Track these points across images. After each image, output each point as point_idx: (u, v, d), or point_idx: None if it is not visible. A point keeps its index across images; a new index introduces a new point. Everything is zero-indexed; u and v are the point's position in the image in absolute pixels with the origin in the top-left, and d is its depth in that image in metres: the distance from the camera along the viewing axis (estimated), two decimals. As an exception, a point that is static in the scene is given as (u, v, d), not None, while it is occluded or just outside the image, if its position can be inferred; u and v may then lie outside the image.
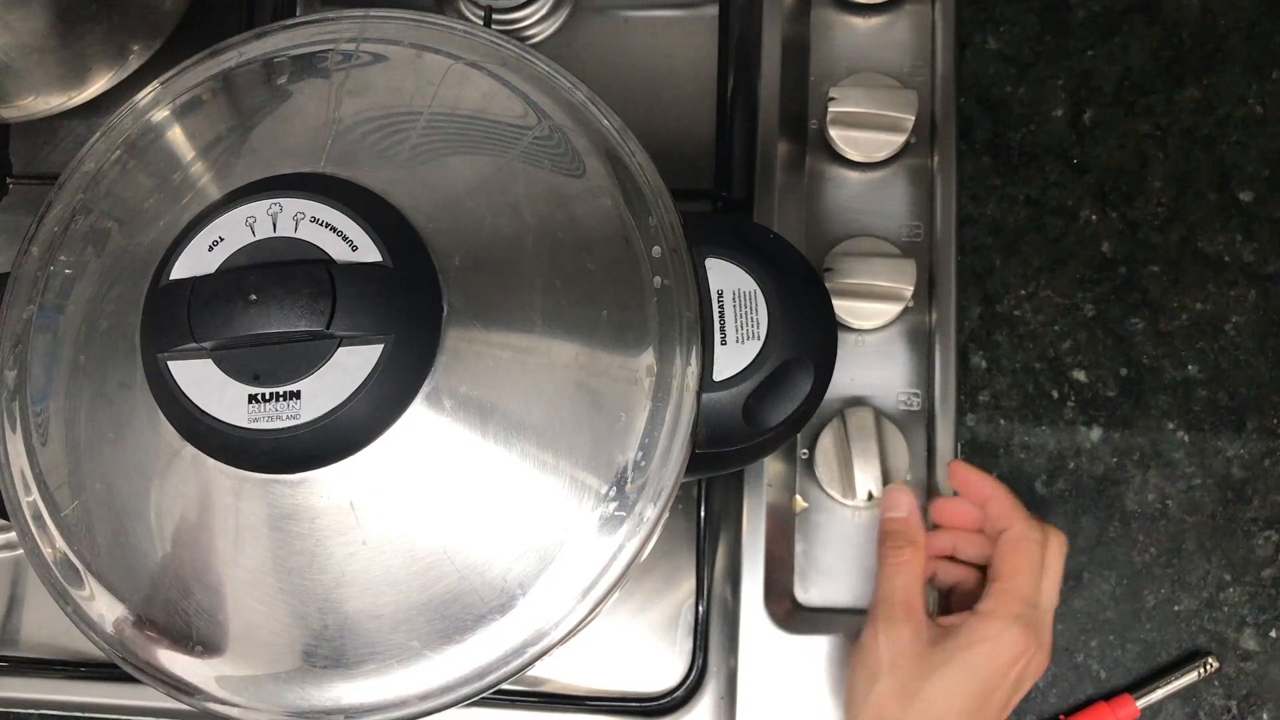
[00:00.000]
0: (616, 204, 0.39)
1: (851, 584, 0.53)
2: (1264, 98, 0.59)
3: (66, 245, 0.41)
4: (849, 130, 0.56)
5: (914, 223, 0.56)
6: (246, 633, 0.37)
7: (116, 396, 0.38)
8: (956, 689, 0.43)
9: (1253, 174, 0.58)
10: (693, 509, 0.55)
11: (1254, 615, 0.54)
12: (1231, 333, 0.57)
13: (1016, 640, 0.43)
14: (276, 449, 0.34)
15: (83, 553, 0.39)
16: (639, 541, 0.37)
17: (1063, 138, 0.59)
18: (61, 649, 0.58)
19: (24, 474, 0.40)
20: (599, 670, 0.55)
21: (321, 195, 0.36)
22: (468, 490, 0.36)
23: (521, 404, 0.36)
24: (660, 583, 0.56)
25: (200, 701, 0.38)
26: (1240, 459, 0.55)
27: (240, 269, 0.35)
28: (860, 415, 0.52)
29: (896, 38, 0.58)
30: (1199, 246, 0.57)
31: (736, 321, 0.42)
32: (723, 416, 0.41)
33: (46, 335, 0.40)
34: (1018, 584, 0.44)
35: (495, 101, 0.40)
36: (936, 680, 0.43)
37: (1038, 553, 0.45)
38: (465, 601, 0.36)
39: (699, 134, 0.59)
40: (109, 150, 0.42)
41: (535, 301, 0.37)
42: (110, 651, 0.39)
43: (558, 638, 0.37)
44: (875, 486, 0.52)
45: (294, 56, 0.42)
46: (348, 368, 0.34)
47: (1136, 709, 0.52)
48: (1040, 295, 0.57)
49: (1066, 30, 0.60)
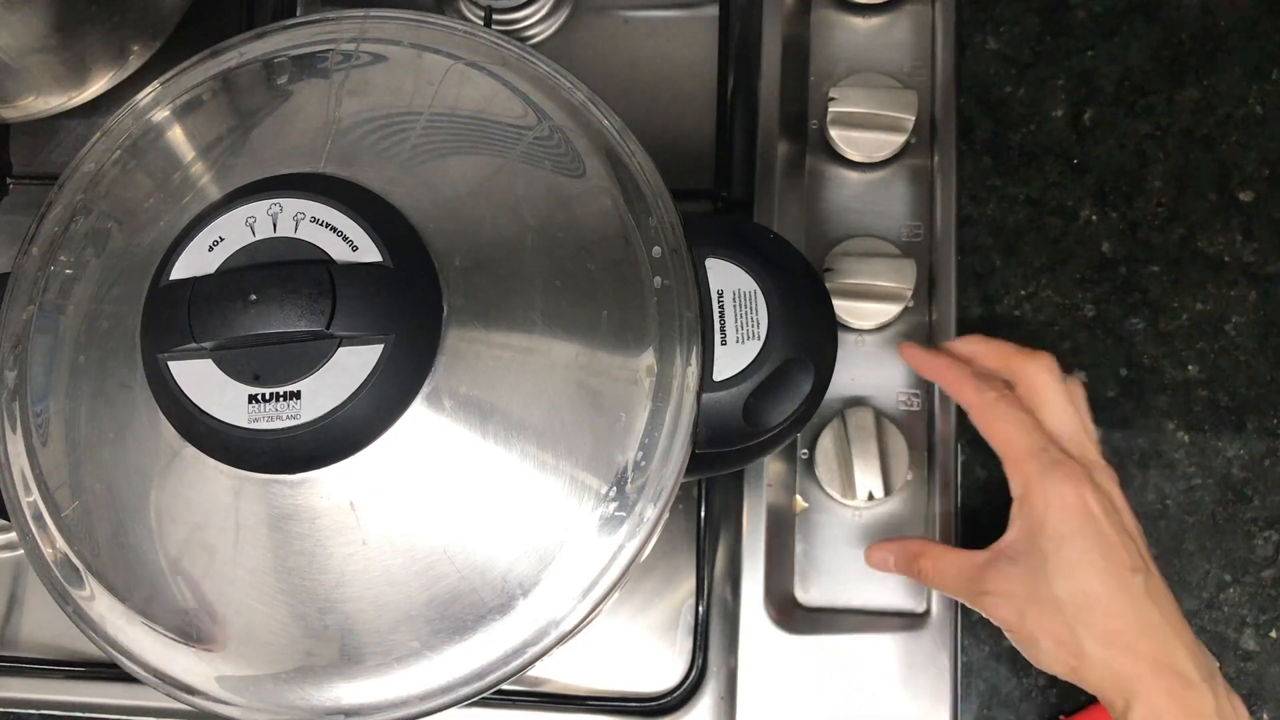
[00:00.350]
0: (616, 204, 0.39)
1: (851, 584, 0.53)
2: (1264, 98, 0.59)
3: (66, 245, 0.41)
4: (849, 130, 0.56)
5: (914, 223, 0.56)
6: (246, 633, 0.37)
7: (116, 397, 0.38)
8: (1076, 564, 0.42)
9: (1253, 174, 0.58)
10: (693, 509, 0.55)
11: (1254, 615, 0.54)
12: (1231, 333, 0.57)
13: (1059, 487, 0.43)
14: (276, 449, 0.34)
15: (83, 553, 0.39)
16: (639, 541, 0.37)
17: (1063, 138, 0.59)
18: (61, 649, 0.58)
19: (24, 474, 0.40)
20: (599, 670, 0.55)
21: (322, 195, 0.36)
22: (468, 490, 0.36)
23: (521, 404, 0.36)
24: (660, 583, 0.56)
25: (200, 701, 0.38)
26: (1240, 459, 0.55)
27: (240, 269, 0.35)
28: (860, 415, 0.52)
29: (896, 38, 0.58)
30: (1199, 246, 0.57)
31: (736, 321, 0.42)
32: (723, 416, 0.41)
33: (46, 335, 0.40)
34: (1014, 448, 0.45)
35: (495, 102, 0.40)
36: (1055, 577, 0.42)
37: (1000, 411, 0.45)
38: (465, 601, 0.36)
39: (699, 134, 0.59)
40: (109, 150, 0.42)
41: (535, 301, 0.37)
42: (110, 651, 0.39)
43: (558, 638, 0.37)
44: (876, 487, 0.52)
45: (294, 56, 0.42)
46: (348, 368, 0.34)
47: (1136, 709, 0.52)
48: (1040, 295, 0.57)
49: (1066, 30, 0.60)
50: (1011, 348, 0.48)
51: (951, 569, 0.46)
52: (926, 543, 0.48)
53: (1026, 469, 0.44)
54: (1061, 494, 0.43)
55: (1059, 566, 0.42)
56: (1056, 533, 0.43)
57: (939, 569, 0.47)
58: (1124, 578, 0.42)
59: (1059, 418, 0.45)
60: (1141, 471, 0.56)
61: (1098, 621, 0.42)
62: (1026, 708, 0.54)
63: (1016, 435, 0.45)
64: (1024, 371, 0.47)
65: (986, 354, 0.48)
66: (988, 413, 0.46)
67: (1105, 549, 0.42)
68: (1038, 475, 0.44)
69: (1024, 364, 0.47)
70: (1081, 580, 0.42)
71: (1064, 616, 0.42)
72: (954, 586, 0.46)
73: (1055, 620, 0.42)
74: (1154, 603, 0.42)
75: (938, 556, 0.47)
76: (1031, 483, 0.44)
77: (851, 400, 0.54)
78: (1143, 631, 0.42)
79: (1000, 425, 0.45)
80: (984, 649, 0.54)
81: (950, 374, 0.48)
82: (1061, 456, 0.44)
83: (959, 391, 0.48)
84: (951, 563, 0.46)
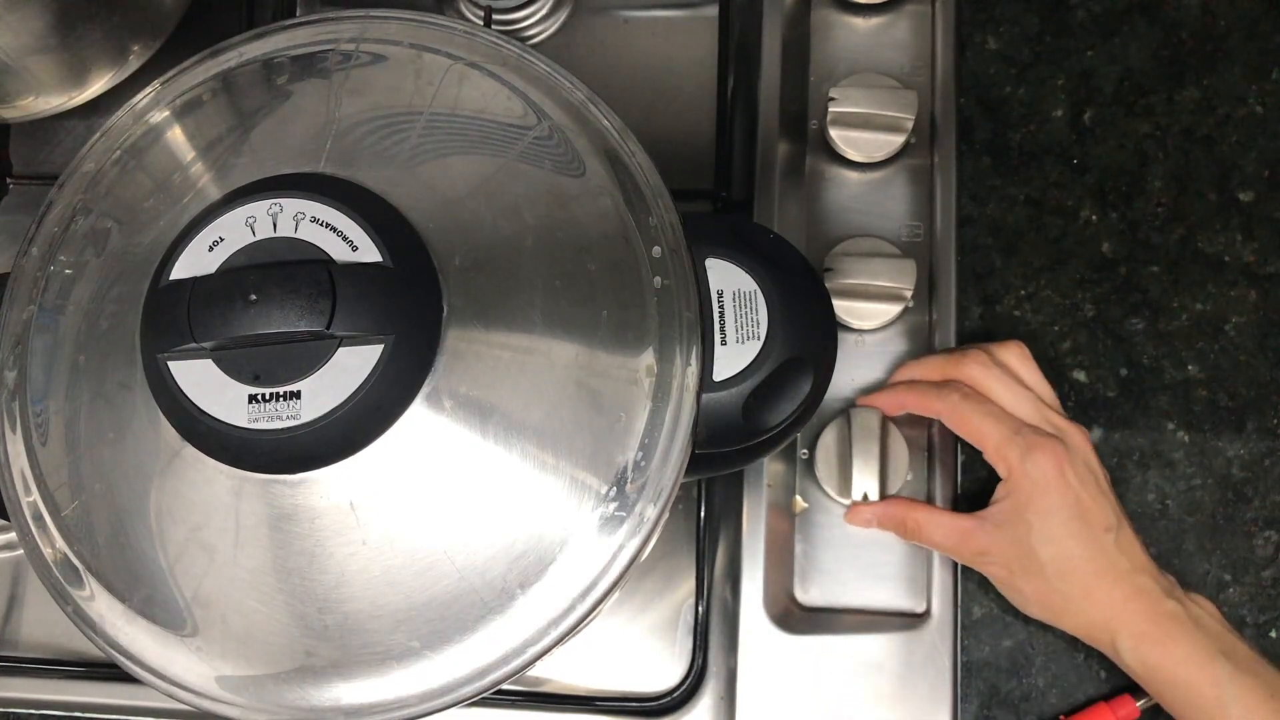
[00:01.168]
0: (616, 204, 0.39)
1: (851, 584, 0.53)
2: (1264, 98, 0.59)
3: (66, 245, 0.41)
4: (849, 130, 0.56)
5: (914, 223, 0.56)
6: (246, 633, 0.37)
7: (116, 397, 0.38)
8: (1057, 532, 0.47)
9: (1253, 174, 0.58)
10: (693, 509, 0.55)
11: (1254, 615, 0.54)
12: (1231, 333, 0.57)
13: (1040, 467, 0.47)
14: (276, 449, 0.34)
15: (83, 553, 0.39)
16: (639, 541, 0.37)
17: (1063, 138, 0.59)
18: (61, 649, 0.58)
19: (24, 474, 0.40)
20: (599, 670, 0.55)
21: (321, 195, 0.36)
22: (468, 490, 0.36)
23: (521, 404, 0.36)
24: (660, 583, 0.56)
25: (200, 701, 0.38)
26: (1240, 459, 0.55)
27: (240, 269, 0.35)
28: (866, 416, 0.52)
29: (896, 38, 0.58)
30: (1199, 246, 0.57)
31: (736, 321, 0.42)
32: (723, 416, 0.41)
33: (46, 335, 0.40)
34: (989, 439, 0.48)
35: (495, 102, 0.40)
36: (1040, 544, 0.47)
37: (966, 408, 0.49)
38: (465, 601, 0.36)
39: (699, 134, 0.59)
40: (109, 150, 0.42)
41: (535, 301, 0.37)
42: (110, 651, 0.39)
43: (558, 637, 0.37)
44: (871, 488, 0.52)
45: (294, 57, 0.42)
46: (348, 368, 0.34)
47: (1136, 709, 0.52)
48: (1040, 295, 0.57)
49: (1066, 30, 0.60)
50: (940, 358, 0.51)
51: (942, 528, 0.50)
52: (913, 503, 0.51)
53: (1007, 455, 0.48)
54: (1044, 473, 0.47)
55: (1043, 535, 0.47)
56: (1041, 507, 0.47)
57: (931, 525, 0.50)
58: (1099, 538, 0.47)
59: (1012, 401, 0.49)
60: (1141, 471, 0.56)
61: (1077, 579, 0.48)
62: (1026, 708, 0.54)
63: (987, 427, 0.48)
64: (961, 375, 0.50)
65: (926, 374, 0.51)
66: (955, 415, 0.49)
67: (1083, 514, 0.47)
68: (1018, 460, 0.48)
69: (958, 368, 0.50)
70: (1062, 545, 0.47)
71: (1046, 576, 0.48)
72: (943, 543, 0.50)
73: (1040, 579, 0.48)
74: (1123, 552, 0.48)
75: (927, 515, 0.50)
76: (1013, 467, 0.48)
77: (852, 400, 0.54)
78: (1116, 578, 0.47)
79: (971, 421, 0.49)
80: (984, 649, 0.54)
81: (910, 398, 0.51)
82: (1035, 437, 0.48)
83: (925, 406, 0.51)
84: (941, 522, 0.50)
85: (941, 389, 0.50)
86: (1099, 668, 0.53)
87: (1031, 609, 0.50)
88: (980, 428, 0.48)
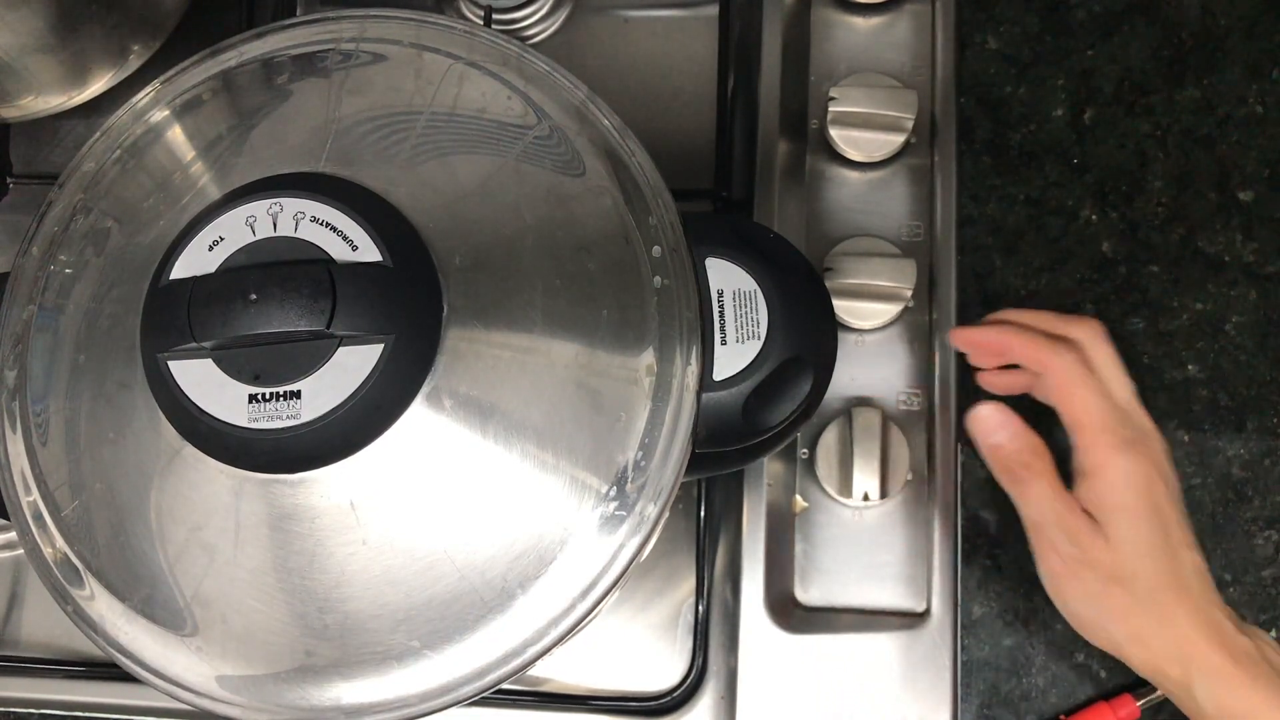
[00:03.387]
0: (616, 204, 0.39)
1: (851, 584, 0.53)
2: (1264, 98, 0.59)
3: (66, 245, 0.41)
4: (849, 130, 0.56)
5: (914, 223, 0.56)
6: (246, 633, 0.37)
7: (116, 396, 0.38)
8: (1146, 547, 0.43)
9: (1253, 174, 0.58)
10: (693, 509, 0.55)
11: (1254, 615, 0.54)
12: (1231, 333, 0.57)
13: (1134, 473, 0.43)
14: (277, 449, 0.34)
15: (83, 553, 0.39)
16: (639, 541, 0.37)
17: (1063, 138, 0.59)
18: (61, 649, 0.58)
19: (24, 474, 0.40)
20: (599, 670, 0.55)
21: (321, 195, 0.36)
22: (468, 490, 0.36)
23: (521, 404, 0.36)
24: (660, 583, 0.56)
25: (200, 701, 0.38)
26: (1240, 459, 0.55)
27: (240, 269, 0.35)
28: (867, 415, 0.52)
29: (896, 38, 0.58)
30: (1199, 246, 0.57)
31: (736, 321, 0.42)
32: (723, 416, 0.41)
33: (46, 335, 0.40)
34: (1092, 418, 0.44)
35: (495, 101, 0.40)
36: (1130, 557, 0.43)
37: (1080, 375, 0.44)
38: (465, 601, 0.36)
39: (699, 134, 0.59)
40: (109, 150, 0.42)
41: (535, 301, 0.37)
42: (110, 651, 0.39)
43: (558, 637, 0.37)
44: (872, 489, 0.52)
45: (294, 56, 0.42)
46: (348, 368, 0.34)
47: (1136, 709, 0.52)
48: (1040, 295, 0.57)
49: (1066, 30, 0.60)
50: (1051, 313, 0.46)
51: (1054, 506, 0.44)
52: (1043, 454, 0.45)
53: (1102, 444, 0.43)
54: (1135, 481, 0.43)
55: (1134, 548, 0.43)
56: (1131, 516, 0.43)
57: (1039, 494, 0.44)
58: (1178, 554, 0.43)
59: (1117, 385, 0.45)
60: (1141, 471, 0.56)
61: (1153, 600, 0.43)
62: (1026, 707, 0.54)
63: (1094, 404, 0.44)
64: (1076, 335, 0.45)
65: (1036, 321, 0.46)
66: (1065, 378, 0.44)
67: (1166, 531, 0.43)
68: (1113, 454, 0.43)
69: (1073, 328, 0.45)
70: (1150, 562, 0.43)
71: (1135, 598, 0.43)
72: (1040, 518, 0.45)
73: (1128, 601, 0.43)
74: (1197, 576, 0.44)
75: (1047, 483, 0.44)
76: (1106, 461, 0.43)
77: (852, 400, 0.54)
78: (1194, 607, 0.43)
79: (1080, 392, 0.44)
80: (984, 649, 0.54)
81: (1018, 341, 0.46)
82: (1133, 436, 0.44)
83: (1033, 356, 0.45)
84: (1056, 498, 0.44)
85: (1059, 344, 0.45)
86: (1099, 668, 0.53)
87: (1078, 611, 0.45)
88: (1086, 402, 0.44)
